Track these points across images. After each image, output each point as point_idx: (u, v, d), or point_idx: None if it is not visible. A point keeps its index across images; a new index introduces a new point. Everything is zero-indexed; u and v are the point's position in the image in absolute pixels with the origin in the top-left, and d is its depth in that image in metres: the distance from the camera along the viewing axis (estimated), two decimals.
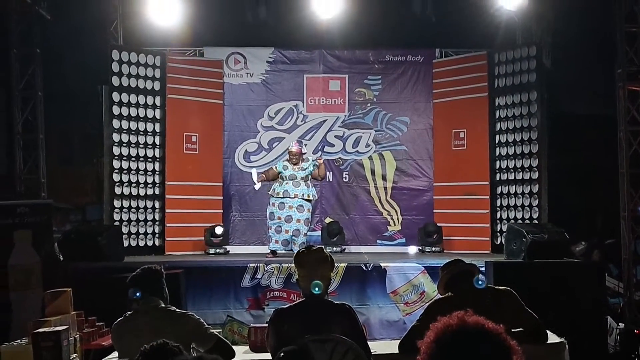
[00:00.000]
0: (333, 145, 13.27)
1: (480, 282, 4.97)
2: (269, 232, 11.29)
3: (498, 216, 12.24)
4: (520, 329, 4.95)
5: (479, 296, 4.92)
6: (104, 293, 7.79)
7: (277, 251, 11.08)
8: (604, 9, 11.27)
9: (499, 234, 12.06)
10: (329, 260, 4.79)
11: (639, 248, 11.07)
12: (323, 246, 5.10)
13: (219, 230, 12.00)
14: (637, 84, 11.01)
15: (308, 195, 11.23)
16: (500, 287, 5.19)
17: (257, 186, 11.45)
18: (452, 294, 5.12)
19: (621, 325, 10.03)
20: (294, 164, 11.21)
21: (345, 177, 13.28)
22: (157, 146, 12.29)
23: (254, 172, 11.46)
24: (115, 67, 11.78)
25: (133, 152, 11.98)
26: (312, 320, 4.49)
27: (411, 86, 13.26)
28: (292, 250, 10.62)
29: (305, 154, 11.53)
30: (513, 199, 12.03)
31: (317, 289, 4.57)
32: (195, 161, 12.64)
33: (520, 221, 11.65)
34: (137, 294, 4.94)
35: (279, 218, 11.09)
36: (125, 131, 11.89)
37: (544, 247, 9.24)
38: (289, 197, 11.08)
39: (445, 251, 12.05)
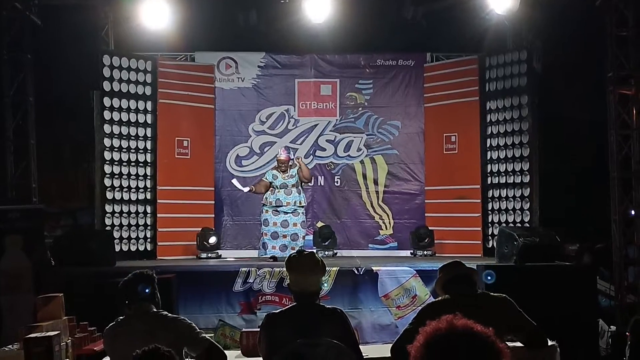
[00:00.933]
0: (324, 150, 13.28)
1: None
2: (263, 239, 11.27)
3: (489, 220, 12.26)
4: (520, 335, 5.01)
5: (474, 301, 4.93)
6: (95, 298, 7.79)
7: (277, 256, 11.05)
8: (594, 13, 11.30)
9: (490, 238, 12.07)
10: (321, 265, 4.79)
11: (630, 251, 11.10)
12: (315, 250, 5.11)
13: (213, 240, 11.97)
14: (628, 87, 11.03)
15: (300, 202, 11.27)
16: (496, 294, 5.19)
17: (246, 189, 11.45)
18: (447, 297, 5.12)
19: (613, 328, 10.05)
20: (283, 172, 11.24)
21: (337, 182, 13.29)
22: (149, 151, 12.28)
23: (234, 182, 11.50)
24: (106, 72, 11.78)
25: (124, 157, 11.98)
26: (304, 325, 4.48)
27: (402, 90, 13.29)
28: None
29: (294, 158, 11.56)
30: (504, 202, 12.05)
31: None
32: (186, 166, 12.64)
33: (511, 224, 11.67)
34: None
35: (275, 224, 11.12)
36: (116, 136, 11.88)
37: (535, 250, 9.25)
38: (282, 205, 11.13)
39: (437, 255, 12.06)
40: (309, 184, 12.15)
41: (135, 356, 3.41)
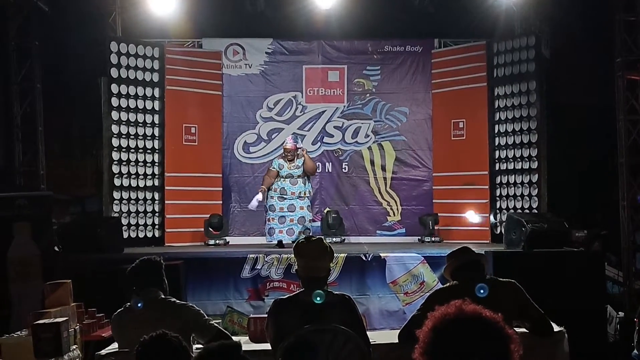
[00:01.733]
0: (332, 136, 13.26)
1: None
2: (270, 224, 11.24)
3: (497, 206, 12.23)
4: (525, 322, 5.01)
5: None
6: (103, 284, 7.82)
7: (284, 241, 11.03)
8: None
9: (498, 224, 12.05)
10: (329, 251, 4.77)
11: (638, 237, 11.08)
12: (322, 237, 5.09)
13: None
14: (636, 73, 11.01)
15: (305, 193, 11.23)
16: (504, 280, 5.18)
17: (259, 196, 11.25)
18: (455, 283, 5.12)
19: (621, 314, 10.05)
20: (289, 161, 11.20)
21: (345, 168, 13.27)
22: (156, 138, 12.27)
23: (254, 201, 11.32)
24: (113, 58, 11.76)
25: (132, 143, 11.97)
26: (312, 311, 4.48)
27: (410, 76, 13.24)
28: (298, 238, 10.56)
29: (300, 149, 11.48)
30: (512, 188, 12.01)
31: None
32: (194, 152, 12.64)
33: (519, 211, 11.63)
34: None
35: (281, 209, 11.10)
36: (124, 123, 11.87)
37: (543, 236, 9.23)
38: (287, 194, 11.11)
39: (444, 241, 12.04)
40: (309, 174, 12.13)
41: (143, 342, 3.41)
